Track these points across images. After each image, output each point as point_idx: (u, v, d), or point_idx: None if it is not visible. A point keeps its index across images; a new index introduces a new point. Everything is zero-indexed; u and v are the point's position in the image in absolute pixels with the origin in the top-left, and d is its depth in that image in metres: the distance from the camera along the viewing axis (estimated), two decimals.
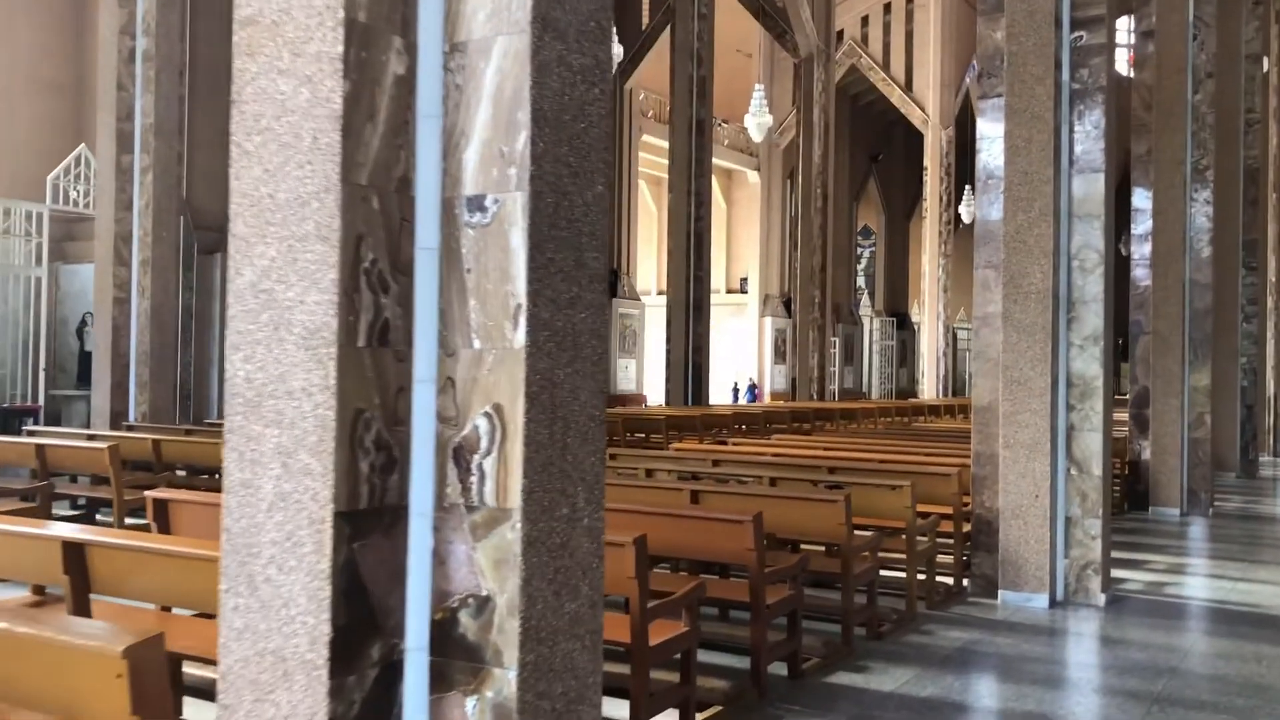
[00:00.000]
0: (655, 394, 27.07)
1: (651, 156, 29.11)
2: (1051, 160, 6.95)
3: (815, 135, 26.05)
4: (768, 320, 33.94)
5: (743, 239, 35.87)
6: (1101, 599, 6.91)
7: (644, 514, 5.07)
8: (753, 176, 34.61)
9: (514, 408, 2.19)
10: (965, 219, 33.62)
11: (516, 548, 2.17)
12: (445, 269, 2.26)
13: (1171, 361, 11.56)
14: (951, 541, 7.42)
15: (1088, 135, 7.04)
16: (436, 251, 2.26)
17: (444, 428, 2.25)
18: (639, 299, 28.44)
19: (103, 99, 12.71)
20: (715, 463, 8.01)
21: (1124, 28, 28.87)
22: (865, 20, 34.69)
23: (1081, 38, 7.04)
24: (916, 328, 39.51)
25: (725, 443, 11.31)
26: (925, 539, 6.82)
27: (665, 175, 24.71)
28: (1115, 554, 8.76)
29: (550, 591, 2.24)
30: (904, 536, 6.58)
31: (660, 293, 30.24)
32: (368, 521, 2.15)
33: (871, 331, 40.98)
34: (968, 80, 33.64)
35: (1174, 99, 11.68)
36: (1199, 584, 7.93)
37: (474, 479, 2.22)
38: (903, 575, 6.64)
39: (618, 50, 20.44)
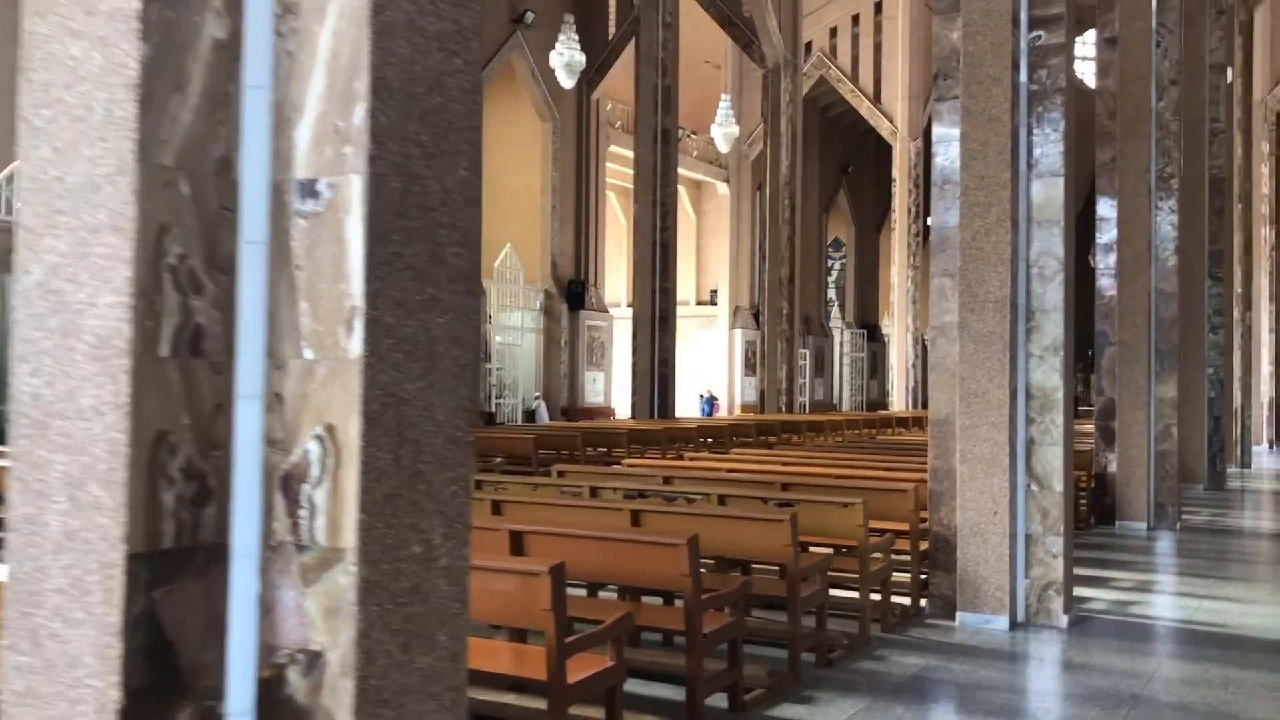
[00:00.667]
0: (625, 407, 26.77)
1: (620, 167, 28.85)
2: (1009, 164, 6.69)
3: (783, 146, 25.87)
4: (738, 332, 33.71)
5: (713, 251, 35.65)
6: (1064, 620, 6.64)
7: (576, 538, 4.75)
8: (722, 188, 34.40)
9: (348, 428, 1.86)
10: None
11: (351, 594, 1.85)
12: (274, 266, 1.93)
13: (1137, 373, 11.36)
14: (908, 560, 7.12)
15: (1047, 138, 6.79)
16: (264, 245, 1.93)
17: (271, 452, 1.92)
18: (607, 311, 28.15)
19: None
20: (667, 480, 7.69)
21: (1089, 40, 28.90)
22: (834, 32, 34.61)
23: (1040, 37, 6.80)
24: (887, 340, 39.42)
25: (682, 458, 11.00)
26: (880, 558, 6.52)
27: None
28: (1080, 571, 8.51)
29: (396, 645, 1.91)
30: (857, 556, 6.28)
31: (630, 305, 30.00)
32: (173, 564, 1.82)
33: (842, 344, 40.88)
34: None
35: (1138, 107, 11.50)
36: (1165, 602, 7.68)
37: (304, 513, 1.89)
38: (857, 596, 6.34)
39: (581, 59, 20.22)
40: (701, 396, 33.50)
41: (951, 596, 6.80)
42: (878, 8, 33.48)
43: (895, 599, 6.99)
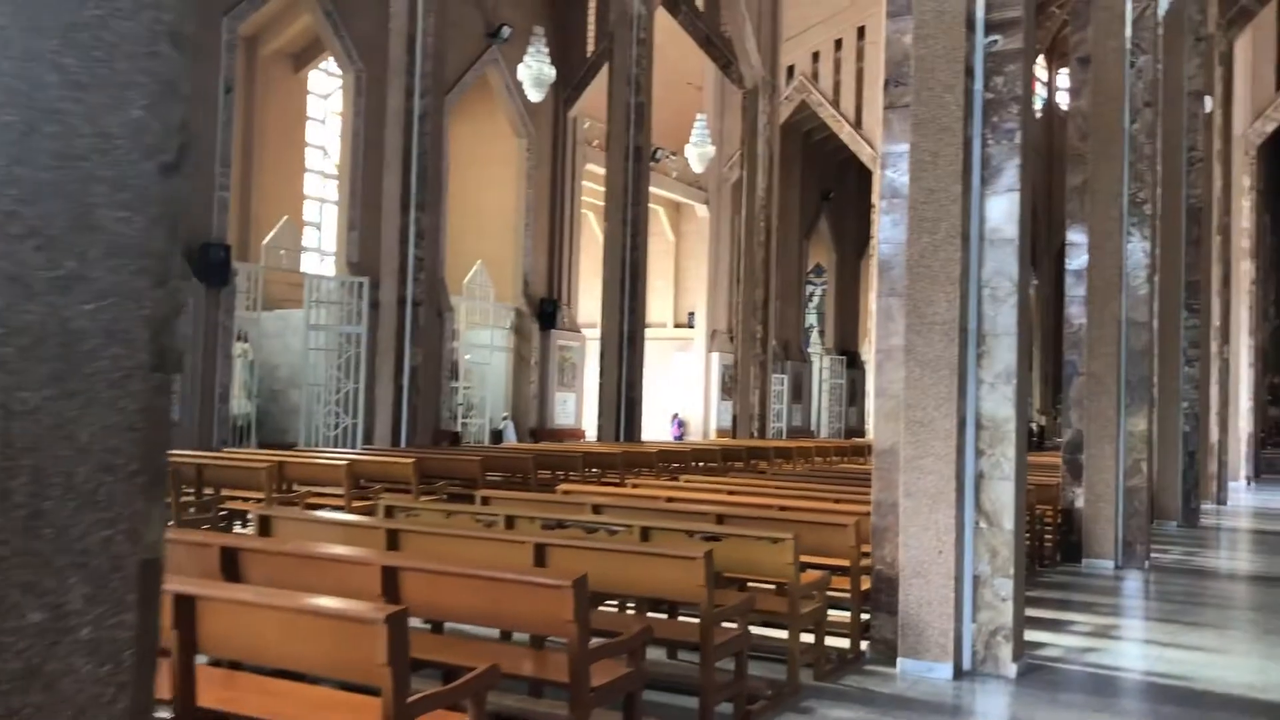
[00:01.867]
0: (596, 429, 26.23)
1: (598, 186, 28.43)
2: (960, 177, 6.24)
3: (760, 168, 25.50)
4: (715, 356, 33.27)
5: (691, 273, 35.25)
6: (1012, 669, 6.14)
7: (452, 576, 4.23)
8: (702, 210, 34.02)
9: None
10: None
11: None
12: None
13: (1106, 404, 10.92)
14: (850, 600, 6.62)
15: (1001, 150, 6.35)
16: None
17: None
18: (579, 331, 27.67)
19: None
20: (597, 509, 7.17)
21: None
22: (816, 56, 34.31)
23: (996, 42, 6.37)
24: (865, 366, 39.02)
25: (624, 484, 10.48)
26: (814, 599, 6.02)
27: None
28: (1039, 613, 8.03)
29: None
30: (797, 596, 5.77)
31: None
32: None
33: (821, 370, 40.48)
34: None
35: (1111, 128, 11.11)
36: (1124, 650, 7.18)
37: None
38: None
39: (551, 72, 19.80)
40: (674, 419, 33.06)
41: (893, 641, 6.29)
42: (860, 32, 33.21)
43: (837, 641, 6.50)
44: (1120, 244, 11.05)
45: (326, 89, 26.51)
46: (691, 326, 34.73)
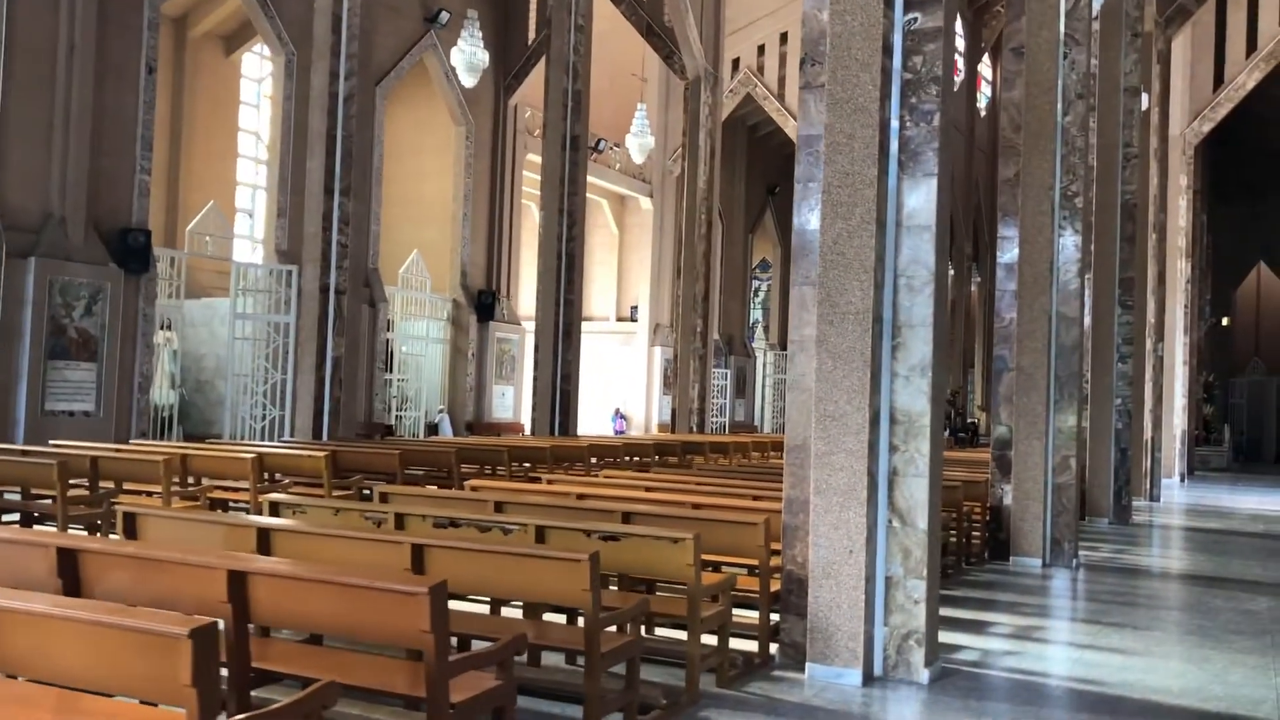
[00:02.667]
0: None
1: (539, 176, 27.98)
2: (876, 160, 5.97)
3: (701, 160, 25.23)
4: (658, 350, 32.99)
5: (635, 266, 34.91)
6: (924, 675, 5.88)
7: (303, 581, 3.87)
8: (646, 203, 33.70)
9: None
10: None
11: None
12: None
13: (1036, 400, 10.76)
14: (759, 602, 6.33)
15: (920, 133, 6.08)
16: None
17: None
18: (519, 323, 27.22)
19: None
20: (499, 507, 6.82)
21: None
22: (761, 49, 34.12)
23: (916, 20, 6.10)
24: None
25: (540, 481, 10.14)
26: (718, 601, 5.72)
27: None
28: (961, 614, 7.82)
29: None
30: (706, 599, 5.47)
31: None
32: None
33: (765, 364, 40.42)
34: None
35: (1043, 120, 10.95)
36: (1043, 653, 6.97)
37: None
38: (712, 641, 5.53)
39: (484, 57, 19.32)
40: (615, 414, 32.77)
41: (803, 644, 6.01)
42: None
43: (747, 645, 6.22)
44: (1052, 238, 10.89)
45: (260, 73, 25.85)
46: (634, 320, 34.43)
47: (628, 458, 16.51)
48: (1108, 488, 15.18)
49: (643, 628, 6.57)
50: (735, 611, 6.33)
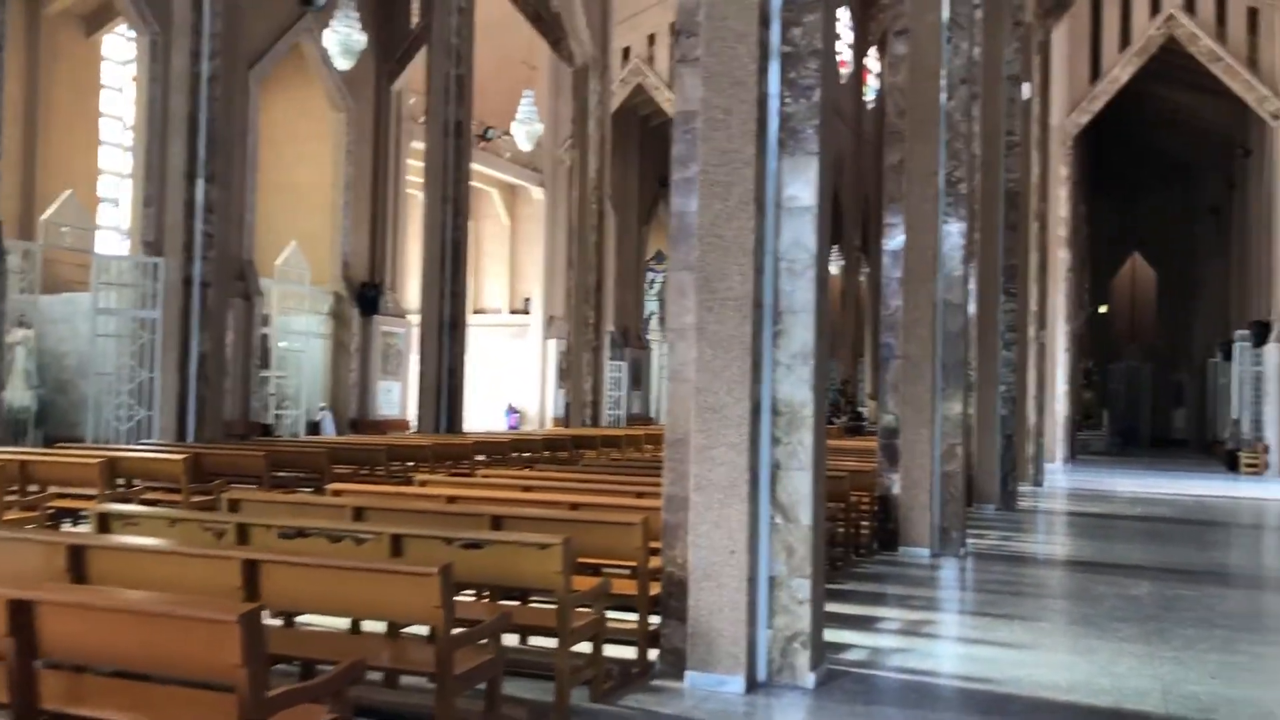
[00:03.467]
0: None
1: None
2: (755, 138, 5.64)
3: (591, 149, 24.84)
4: (552, 343, 32.48)
5: (527, 258, 34.31)
6: (810, 679, 5.60)
7: (99, 611, 3.35)
8: (538, 193, 33.13)
9: None
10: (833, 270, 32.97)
11: None
12: None
13: (922, 388, 10.64)
14: (640, 606, 5.97)
15: (800, 109, 5.78)
16: None
17: None
18: (405, 316, 26.43)
19: None
20: (358, 513, 6.32)
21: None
22: (652, 39, 33.83)
23: None
24: None
25: (410, 482, 9.63)
26: (590, 608, 5.34)
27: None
28: (850, 608, 7.60)
29: None
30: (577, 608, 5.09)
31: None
32: None
33: (661, 356, 40.24)
34: None
35: (927, 106, 10.83)
36: (931, 650, 6.77)
37: None
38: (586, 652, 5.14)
39: (360, 39, 18.53)
40: (509, 409, 32.21)
41: (684, 651, 5.67)
42: None
43: (624, 654, 5.85)
44: (936, 224, 10.79)
45: (125, 55, 24.51)
46: (528, 313, 33.86)
47: (515, 454, 16.04)
48: (994, 474, 15.27)
49: (518, 639, 6.18)
50: (620, 616, 5.98)
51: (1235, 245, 34.93)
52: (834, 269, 38.36)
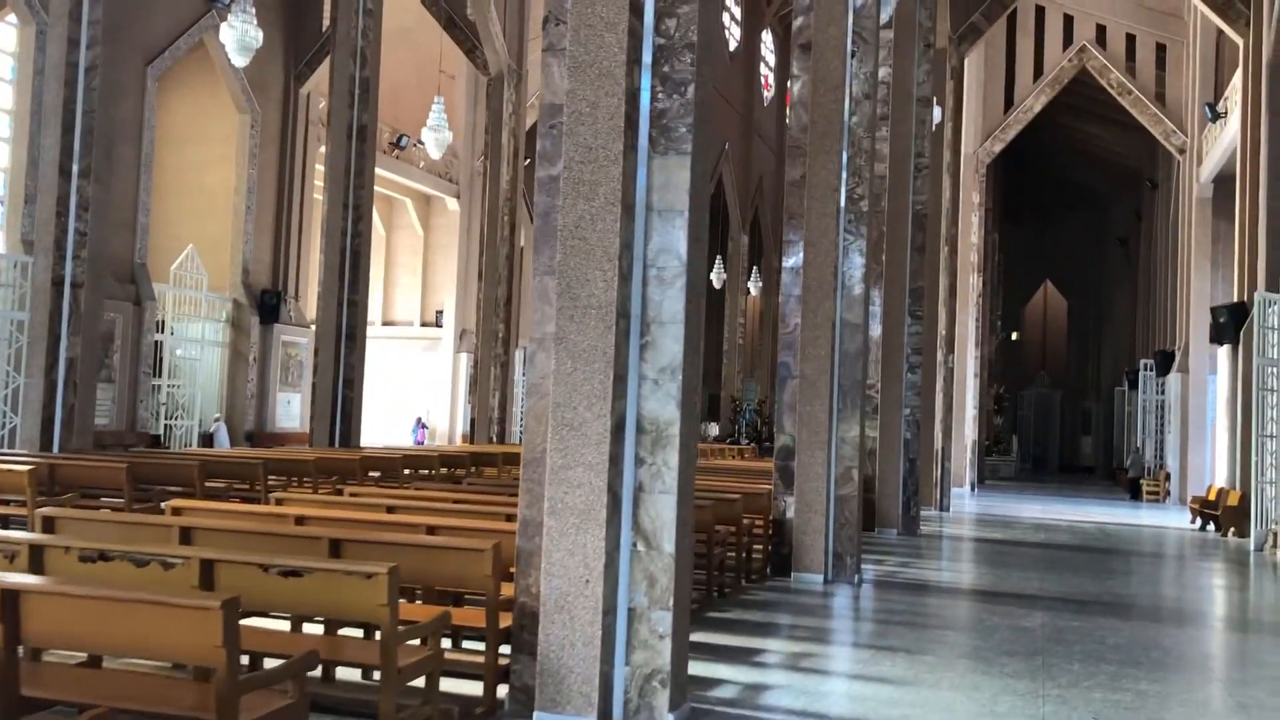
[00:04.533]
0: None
1: None
2: (623, 133, 5.23)
3: (504, 159, 24.33)
4: (464, 356, 31.78)
5: (440, 269, 33.60)
6: None
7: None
8: (453, 204, 32.49)
9: None
10: (715, 284, 32.78)
11: None
12: None
13: (819, 409, 10.34)
14: (488, 639, 5.48)
15: (674, 105, 5.39)
16: None
17: None
18: (308, 325, 25.58)
19: None
20: (186, 534, 5.75)
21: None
22: None
23: None
24: None
25: (267, 501, 9.01)
26: (426, 645, 4.84)
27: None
28: (730, 639, 7.21)
29: None
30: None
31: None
32: None
33: None
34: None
35: (830, 119, 10.57)
36: (809, 686, 6.38)
37: None
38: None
39: (257, 35, 17.76)
40: (418, 423, 31.46)
41: (535, 688, 5.20)
42: None
43: (470, 687, 5.36)
44: (837, 241, 10.51)
45: (15, 44, 23.37)
46: (440, 326, 33.15)
47: (408, 471, 15.43)
48: (897, 498, 15.07)
49: (360, 674, 5.66)
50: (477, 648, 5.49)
51: (1142, 275, 35.64)
52: (753, 289, 38.26)
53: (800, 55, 10.82)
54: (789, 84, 11.13)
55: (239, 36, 16.03)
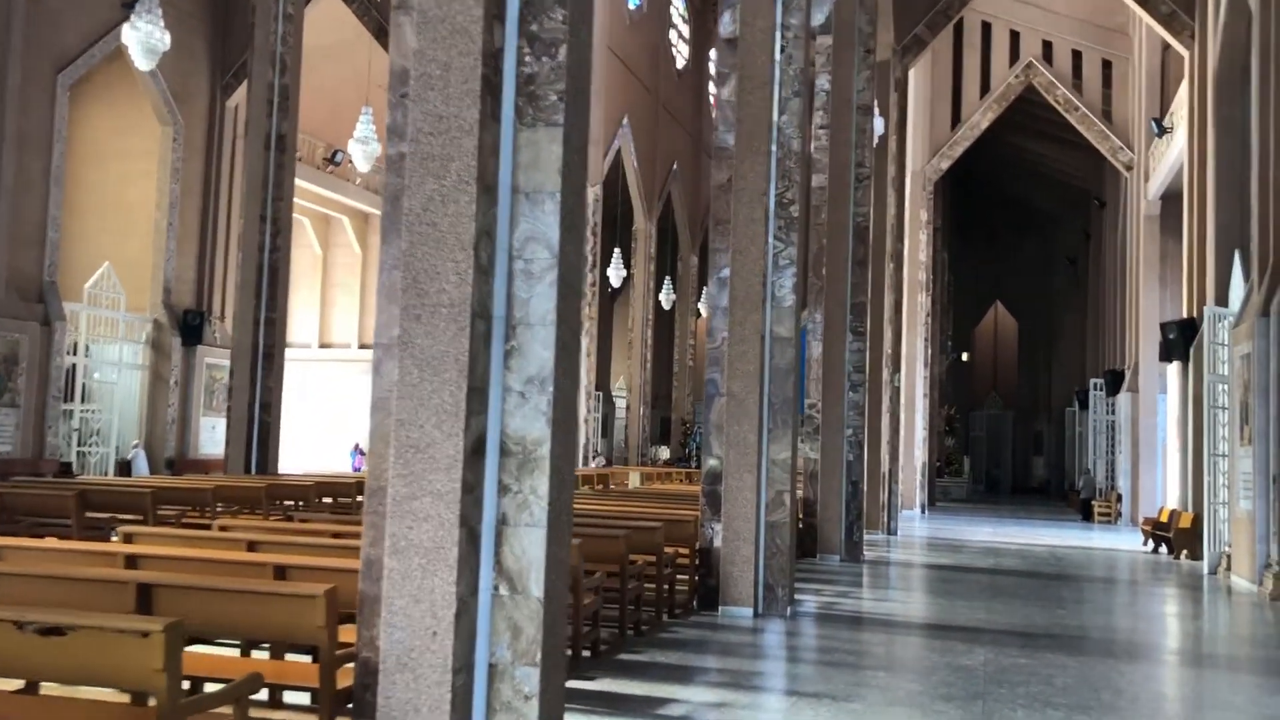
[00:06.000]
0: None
1: None
2: (479, 99, 4.44)
3: None
4: None
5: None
6: None
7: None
8: None
9: None
10: (614, 282, 32.15)
11: None
12: None
13: (748, 429, 9.57)
14: (321, 702, 4.62)
15: (543, 70, 4.61)
16: None
17: None
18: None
19: None
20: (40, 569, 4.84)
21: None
22: None
23: None
24: None
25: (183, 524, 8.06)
26: (231, 711, 3.97)
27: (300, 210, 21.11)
28: (638, 687, 6.41)
29: None
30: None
31: (294, 345, 26.43)
32: None
33: None
34: (618, 141, 32.44)
35: (758, 119, 9.87)
36: None
37: None
38: None
39: (164, 38, 16.82)
40: (355, 449, 30.45)
41: None
42: None
43: None
44: (765, 249, 9.79)
45: None
46: None
47: (329, 499, 14.49)
48: (838, 523, 14.33)
49: None
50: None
51: (1091, 295, 35.43)
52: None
53: (727, 51, 10.12)
54: (715, 83, 10.41)
55: (143, 39, 15.09)
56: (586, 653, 7.26)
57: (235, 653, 6.02)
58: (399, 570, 4.30)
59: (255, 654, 5.91)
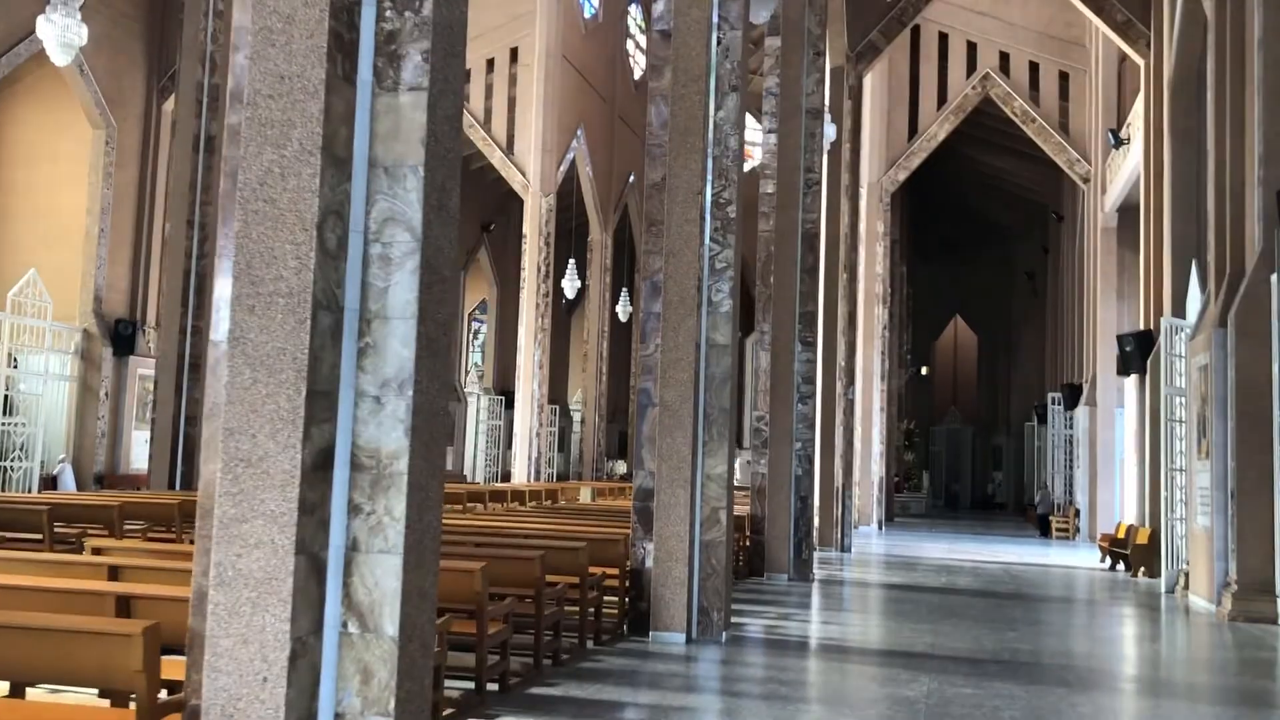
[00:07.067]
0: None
1: None
2: (325, 57, 3.83)
3: None
4: None
5: None
6: None
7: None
8: None
9: None
10: (568, 293, 31.56)
11: None
12: None
13: (681, 442, 8.98)
14: None
15: (405, 24, 4.01)
16: None
17: None
18: None
19: None
20: None
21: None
22: (467, 75, 32.18)
23: None
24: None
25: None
26: None
27: None
28: None
29: None
30: None
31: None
32: None
33: (479, 410, 38.20)
34: (573, 148, 31.88)
35: (692, 114, 9.32)
36: None
37: None
38: None
39: (81, 33, 16.07)
40: None
41: None
42: (513, 54, 31.46)
43: None
44: (700, 251, 9.22)
45: None
46: None
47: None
48: (786, 540, 13.76)
49: None
50: None
51: (1049, 309, 35.24)
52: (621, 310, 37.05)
53: (660, 43, 9.57)
54: (650, 76, 9.87)
55: (59, 33, 14.32)
56: (493, 686, 6.63)
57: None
58: (225, 605, 3.66)
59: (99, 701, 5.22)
